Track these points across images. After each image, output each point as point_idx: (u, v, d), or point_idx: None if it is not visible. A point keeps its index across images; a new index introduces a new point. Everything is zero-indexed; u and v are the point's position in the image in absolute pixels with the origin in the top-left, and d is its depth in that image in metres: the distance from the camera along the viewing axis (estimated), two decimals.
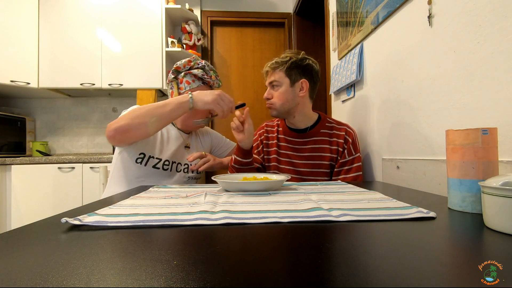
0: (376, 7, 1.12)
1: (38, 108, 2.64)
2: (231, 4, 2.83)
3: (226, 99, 0.97)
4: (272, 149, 1.15)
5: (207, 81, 1.16)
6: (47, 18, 2.32)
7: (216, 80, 1.19)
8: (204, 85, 1.16)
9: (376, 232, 0.40)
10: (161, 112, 0.94)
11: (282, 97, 1.08)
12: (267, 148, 1.17)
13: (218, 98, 0.96)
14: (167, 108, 0.94)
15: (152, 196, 0.67)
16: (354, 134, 1.10)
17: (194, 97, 0.96)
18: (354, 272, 0.27)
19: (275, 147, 1.14)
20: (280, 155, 1.13)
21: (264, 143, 1.18)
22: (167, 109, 0.94)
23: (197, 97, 0.96)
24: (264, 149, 1.17)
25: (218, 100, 0.96)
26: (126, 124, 0.92)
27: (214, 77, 1.17)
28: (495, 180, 0.39)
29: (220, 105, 0.96)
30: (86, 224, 0.42)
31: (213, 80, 1.17)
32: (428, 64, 0.84)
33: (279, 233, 0.40)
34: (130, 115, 0.94)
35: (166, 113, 0.94)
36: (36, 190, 2.06)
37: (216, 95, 0.96)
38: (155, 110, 0.94)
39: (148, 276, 0.26)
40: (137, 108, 0.98)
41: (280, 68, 1.07)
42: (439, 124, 0.80)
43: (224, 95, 0.97)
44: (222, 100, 0.97)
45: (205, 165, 1.14)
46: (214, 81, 1.18)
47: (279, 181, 0.75)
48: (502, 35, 0.61)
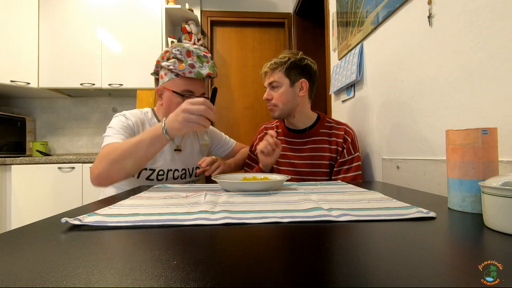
0: (376, 7, 1.12)
1: (38, 108, 2.64)
2: (231, 4, 2.83)
3: (194, 109, 0.76)
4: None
5: (181, 72, 0.97)
6: (47, 18, 2.32)
7: (201, 66, 0.99)
8: (178, 78, 1.00)
9: (376, 232, 0.40)
10: (136, 153, 0.81)
11: (282, 97, 1.08)
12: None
13: (186, 117, 0.76)
14: (141, 146, 0.80)
15: (152, 196, 0.67)
16: (353, 134, 1.10)
17: (166, 126, 0.79)
18: (354, 272, 0.27)
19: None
20: (279, 156, 1.13)
21: None
22: (142, 148, 0.80)
23: (169, 125, 0.79)
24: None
25: (187, 119, 0.76)
26: (105, 172, 0.82)
27: (197, 65, 0.98)
28: (495, 180, 0.39)
29: (194, 122, 0.77)
30: (86, 224, 0.42)
31: (196, 69, 0.97)
32: (428, 64, 0.84)
33: (279, 233, 0.40)
34: (108, 159, 0.82)
35: (142, 153, 0.81)
36: (36, 190, 2.06)
37: (180, 116, 0.76)
38: (130, 151, 0.81)
39: (148, 276, 0.26)
40: (111, 149, 0.84)
41: (279, 68, 1.07)
42: (439, 124, 0.80)
43: (189, 108, 0.76)
44: (192, 114, 0.76)
45: (217, 170, 1.06)
46: (197, 69, 0.98)
47: (279, 181, 0.75)
48: (502, 35, 0.61)
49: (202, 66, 1.01)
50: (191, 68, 0.98)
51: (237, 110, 2.89)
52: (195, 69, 0.99)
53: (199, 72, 0.99)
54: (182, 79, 1.00)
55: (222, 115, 2.87)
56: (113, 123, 0.98)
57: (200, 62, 1.01)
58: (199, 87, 1.03)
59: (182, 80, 1.00)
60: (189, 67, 0.98)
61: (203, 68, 1.01)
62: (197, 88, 1.03)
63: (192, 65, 0.99)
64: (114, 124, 0.97)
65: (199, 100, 0.78)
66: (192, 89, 1.02)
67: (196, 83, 1.02)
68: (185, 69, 0.98)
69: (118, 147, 0.83)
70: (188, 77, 1.00)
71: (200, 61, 1.01)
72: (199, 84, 1.04)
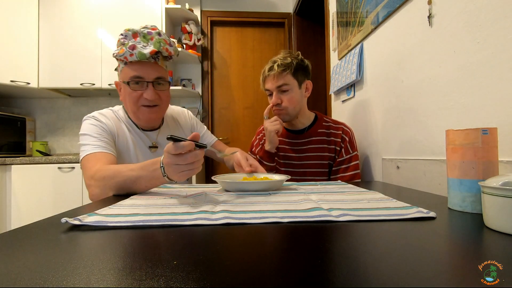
0: (376, 7, 1.12)
1: (38, 108, 2.64)
2: (231, 4, 2.83)
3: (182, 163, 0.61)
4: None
5: (123, 57, 0.86)
6: (47, 18, 2.32)
7: (145, 45, 0.86)
8: (126, 65, 0.89)
9: (376, 232, 0.40)
10: (134, 187, 0.72)
11: (293, 100, 1.05)
12: None
13: (176, 168, 0.62)
14: (139, 185, 0.71)
15: (151, 196, 0.67)
16: (351, 133, 1.10)
17: (166, 171, 0.65)
18: (354, 272, 0.27)
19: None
20: (279, 157, 1.13)
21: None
22: (141, 185, 0.72)
23: (170, 176, 0.66)
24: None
25: (178, 170, 0.62)
26: (104, 195, 0.75)
27: (139, 45, 0.85)
28: (495, 180, 0.39)
29: (189, 171, 0.63)
30: (86, 224, 0.42)
31: (136, 49, 0.84)
32: (428, 64, 0.84)
33: (279, 233, 0.40)
34: (105, 185, 0.74)
35: (142, 187, 0.73)
36: (36, 190, 2.06)
37: (170, 165, 0.62)
38: (128, 185, 0.72)
39: (148, 276, 0.26)
40: (108, 175, 0.74)
41: (287, 71, 1.04)
42: (439, 124, 0.80)
43: (177, 162, 0.61)
44: (182, 167, 0.62)
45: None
46: (138, 49, 0.84)
47: (279, 181, 0.75)
48: (502, 35, 0.61)
49: (147, 45, 0.87)
50: (131, 50, 0.85)
51: (237, 110, 2.89)
52: (135, 50, 0.85)
53: (140, 52, 0.85)
54: (129, 66, 0.88)
55: (222, 115, 2.87)
56: (85, 128, 0.90)
57: (145, 41, 0.87)
58: (150, 70, 0.89)
59: (129, 66, 0.89)
60: (129, 50, 0.85)
61: (147, 47, 0.86)
62: (147, 72, 0.89)
63: (133, 46, 0.85)
64: (88, 130, 0.89)
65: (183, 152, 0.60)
66: (140, 74, 0.88)
67: (144, 66, 0.88)
68: (125, 52, 0.85)
69: (115, 175, 0.73)
70: (133, 61, 0.87)
71: (145, 40, 0.87)
72: (150, 67, 0.89)
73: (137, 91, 0.90)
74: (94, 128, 0.89)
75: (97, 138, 0.87)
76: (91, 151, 0.84)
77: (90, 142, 0.86)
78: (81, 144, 0.88)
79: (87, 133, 0.88)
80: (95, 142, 0.86)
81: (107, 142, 0.88)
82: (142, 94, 0.90)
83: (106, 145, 0.87)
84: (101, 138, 0.88)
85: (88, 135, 0.88)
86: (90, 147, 0.85)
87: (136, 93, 0.90)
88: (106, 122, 0.93)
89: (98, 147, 0.85)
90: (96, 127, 0.90)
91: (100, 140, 0.87)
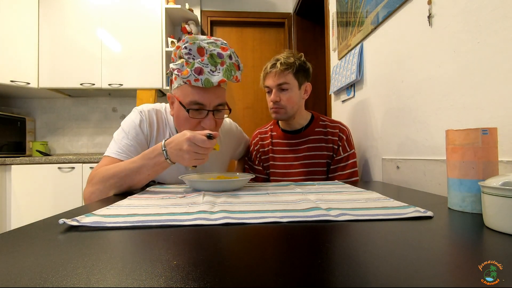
0: (376, 7, 1.12)
1: (38, 108, 2.64)
2: (231, 4, 2.83)
3: (201, 150, 0.69)
4: (268, 155, 1.15)
5: (186, 80, 0.77)
6: (47, 18, 2.32)
7: (213, 70, 0.77)
8: (187, 85, 0.79)
9: (376, 232, 0.40)
10: (138, 181, 0.75)
11: (292, 100, 1.06)
12: (264, 156, 1.16)
13: (194, 155, 0.70)
14: (142, 174, 0.74)
15: (149, 196, 0.67)
16: (347, 131, 1.10)
17: (168, 152, 0.71)
18: (353, 272, 0.27)
19: (270, 153, 1.14)
20: (275, 160, 1.13)
21: (261, 151, 1.17)
22: (144, 176, 0.74)
23: (172, 153, 0.71)
24: (262, 157, 1.16)
25: (193, 156, 0.70)
26: (101, 194, 0.74)
27: (206, 69, 0.76)
28: (495, 180, 0.39)
29: (200, 159, 0.71)
30: (83, 225, 0.42)
31: (203, 75, 0.75)
32: (428, 64, 0.84)
33: (278, 233, 0.40)
34: (106, 183, 0.74)
35: (144, 179, 0.75)
36: (36, 190, 2.06)
37: (190, 152, 0.69)
38: (128, 179, 0.74)
39: (148, 276, 0.26)
40: (109, 176, 0.74)
41: (289, 70, 1.04)
42: (439, 124, 0.80)
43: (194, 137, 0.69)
44: (198, 153, 0.70)
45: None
46: (205, 75, 0.75)
47: (239, 180, 0.75)
48: (502, 35, 0.61)
49: (215, 70, 0.77)
50: (196, 75, 0.76)
51: (237, 110, 2.89)
52: (202, 75, 0.76)
53: (208, 80, 0.76)
54: (191, 87, 0.79)
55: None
56: (127, 123, 0.87)
57: (213, 64, 0.77)
58: (213, 97, 0.81)
59: (190, 88, 0.79)
60: (195, 74, 0.75)
61: (215, 73, 0.77)
62: (209, 99, 0.81)
63: (200, 69, 0.75)
64: (127, 127, 0.87)
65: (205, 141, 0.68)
66: (201, 101, 0.80)
67: (207, 92, 0.80)
68: (190, 76, 0.76)
69: (115, 174, 0.75)
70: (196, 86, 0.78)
71: (213, 63, 0.77)
72: (213, 93, 0.81)
73: (195, 119, 0.82)
74: (132, 130, 0.86)
75: (126, 144, 0.84)
76: (114, 155, 0.82)
77: (120, 142, 0.84)
78: (114, 137, 0.86)
79: (124, 131, 0.86)
80: (123, 148, 0.83)
81: (133, 150, 0.84)
82: (200, 121, 0.83)
83: (131, 154, 0.83)
84: (130, 144, 0.84)
85: (124, 133, 0.85)
86: (116, 148, 0.83)
87: (194, 121, 0.82)
88: (151, 122, 0.89)
89: (122, 153, 0.83)
90: (134, 129, 0.86)
91: (129, 145, 0.84)
